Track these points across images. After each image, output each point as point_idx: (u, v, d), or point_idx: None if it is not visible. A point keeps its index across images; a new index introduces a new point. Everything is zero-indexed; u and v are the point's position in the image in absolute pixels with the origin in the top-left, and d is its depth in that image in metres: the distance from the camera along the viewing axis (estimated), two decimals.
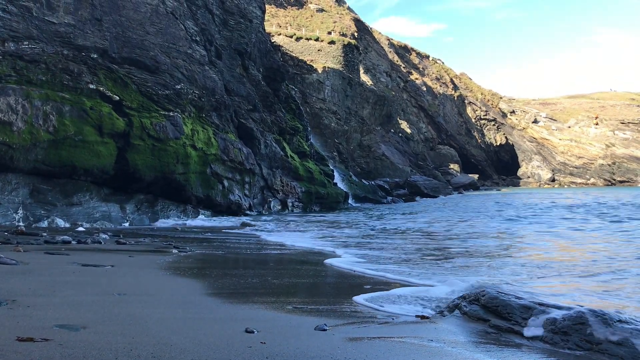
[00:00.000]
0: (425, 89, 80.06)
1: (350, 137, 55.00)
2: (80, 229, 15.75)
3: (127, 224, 19.05)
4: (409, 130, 69.12)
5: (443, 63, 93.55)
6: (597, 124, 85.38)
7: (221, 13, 27.98)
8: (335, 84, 53.22)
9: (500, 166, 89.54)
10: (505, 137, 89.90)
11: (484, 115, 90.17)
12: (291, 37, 53.51)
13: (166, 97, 21.93)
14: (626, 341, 4.05)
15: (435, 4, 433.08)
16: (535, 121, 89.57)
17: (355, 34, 62.14)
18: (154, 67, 21.61)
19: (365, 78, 63.07)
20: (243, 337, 4.14)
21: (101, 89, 19.41)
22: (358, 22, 67.76)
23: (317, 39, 54.15)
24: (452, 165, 72.08)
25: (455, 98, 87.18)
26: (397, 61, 77.97)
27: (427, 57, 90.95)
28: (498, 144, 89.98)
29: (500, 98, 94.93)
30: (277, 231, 17.45)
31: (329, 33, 57.29)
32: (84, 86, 18.91)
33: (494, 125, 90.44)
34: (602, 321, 4.26)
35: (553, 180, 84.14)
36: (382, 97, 62.28)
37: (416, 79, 79.83)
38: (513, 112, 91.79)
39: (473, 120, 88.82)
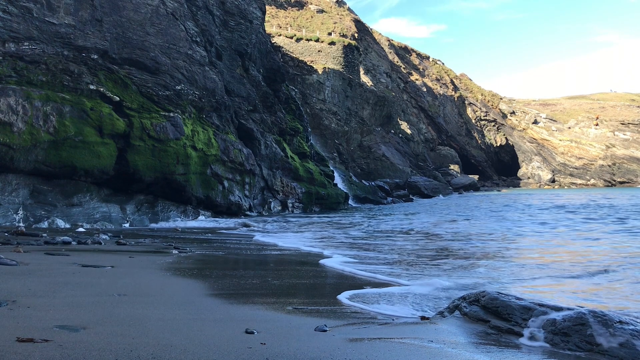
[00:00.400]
0: (425, 89, 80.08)
1: (351, 138, 55.02)
2: (81, 229, 15.75)
3: (127, 225, 19.06)
4: (409, 131, 69.13)
5: (443, 64, 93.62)
6: (597, 124, 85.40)
7: (221, 14, 27.99)
8: (336, 84, 53.25)
9: (501, 167, 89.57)
10: (506, 138, 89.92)
11: (484, 116, 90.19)
12: (291, 38, 53.56)
13: (166, 97, 21.95)
14: (627, 342, 4.05)
15: (435, 5, 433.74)
16: (535, 122, 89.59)
17: (356, 34, 62.18)
18: (154, 68, 21.62)
19: (365, 79, 63.10)
20: (243, 338, 4.14)
21: (101, 89, 19.42)
22: (358, 23, 67.81)
23: (317, 40, 54.20)
24: (452, 166, 72.09)
25: (456, 99, 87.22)
26: (397, 62, 78.00)
27: (427, 58, 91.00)
28: (498, 144, 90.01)
29: (500, 99, 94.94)
30: (275, 233, 17.45)
31: (329, 34, 57.33)
32: (84, 87, 18.92)
33: (494, 126, 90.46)
34: (603, 322, 4.26)
35: (553, 181, 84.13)
36: (382, 97, 62.30)
37: (416, 79, 79.86)
38: (513, 112, 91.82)
39: (473, 121, 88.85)
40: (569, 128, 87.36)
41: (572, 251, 11.91)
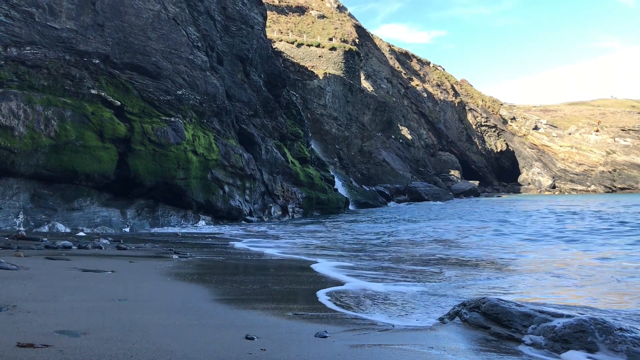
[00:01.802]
0: (425, 95, 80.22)
1: (351, 143, 55.07)
2: (81, 234, 15.75)
3: (127, 229, 19.06)
4: (409, 137, 69.18)
5: (444, 69, 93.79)
6: (597, 130, 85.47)
7: (223, 19, 28.08)
8: (336, 90, 53.34)
9: (501, 173, 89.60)
10: (506, 144, 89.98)
11: (484, 122, 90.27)
12: (292, 43, 53.72)
13: (167, 102, 21.99)
14: (627, 349, 4.05)
15: (436, 11, 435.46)
16: (535, 128, 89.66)
17: (357, 40, 62.37)
18: (155, 73, 21.67)
19: (366, 84, 63.20)
20: (243, 344, 4.14)
21: (102, 94, 19.46)
22: (359, 29, 68.01)
23: (318, 45, 54.35)
24: (452, 172, 72.11)
25: (456, 104, 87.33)
26: (398, 67, 78.15)
27: (428, 63, 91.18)
28: (498, 150, 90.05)
29: (501, 105, 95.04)
30: (275, 238, 17.45)
31: (330, 39, 57.51)
32: (85, 91, 18.96)
33: (494, 131, 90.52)
34: (603, 329, 4.26)
35: (553, 187, 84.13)
36: (383, 103, 62.39)
37: (417, 85, 79.99)
38: (514, 118, 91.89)
39: (474, 126, 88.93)
40: (570, 134, 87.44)
41: (570, 255, 11.90)
